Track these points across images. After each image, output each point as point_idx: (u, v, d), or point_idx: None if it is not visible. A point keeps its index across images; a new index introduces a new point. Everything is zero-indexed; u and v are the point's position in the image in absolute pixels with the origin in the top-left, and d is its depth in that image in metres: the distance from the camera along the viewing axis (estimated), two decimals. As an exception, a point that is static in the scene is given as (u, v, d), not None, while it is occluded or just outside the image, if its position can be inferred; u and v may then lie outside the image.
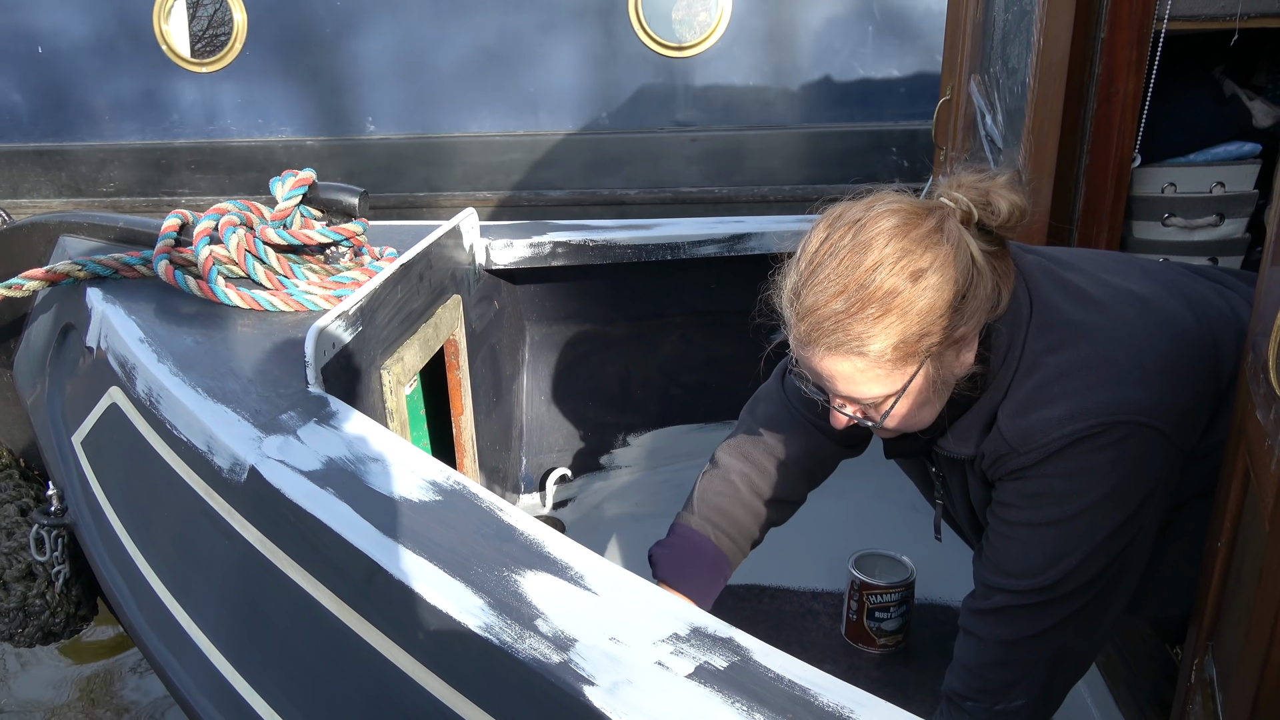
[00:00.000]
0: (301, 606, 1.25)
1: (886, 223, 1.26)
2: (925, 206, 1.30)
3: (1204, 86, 2.49)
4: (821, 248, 1.29)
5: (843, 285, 1.25)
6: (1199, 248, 2.45)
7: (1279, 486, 0.98)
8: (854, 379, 1.30)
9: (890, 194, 1.33)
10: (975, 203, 1.30)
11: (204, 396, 1.50)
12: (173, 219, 2.05)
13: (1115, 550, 1.34)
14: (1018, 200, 1.32)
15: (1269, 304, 1.08)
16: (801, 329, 1.30)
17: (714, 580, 1.66)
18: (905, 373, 1.29)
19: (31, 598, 1.97)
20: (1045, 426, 1.31)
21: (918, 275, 1.24)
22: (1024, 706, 1.43)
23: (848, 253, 1.26)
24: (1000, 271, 1.34)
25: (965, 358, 1.34)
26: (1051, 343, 1.34)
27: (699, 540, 1.66)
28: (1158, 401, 1.31)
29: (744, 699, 0.93)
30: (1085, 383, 1.31)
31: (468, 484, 1.28)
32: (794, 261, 1.33)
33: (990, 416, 1.37)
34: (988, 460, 1.39)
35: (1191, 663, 1.35)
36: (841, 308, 1.26)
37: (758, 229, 2.59)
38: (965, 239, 1.29)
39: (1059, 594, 1.35)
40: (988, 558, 1.42)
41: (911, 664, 2.05)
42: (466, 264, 2.36)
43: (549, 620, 1.03)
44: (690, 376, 2.83)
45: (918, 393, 1.32)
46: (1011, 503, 1.38)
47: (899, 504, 2.45)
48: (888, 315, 1.25)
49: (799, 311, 1.30)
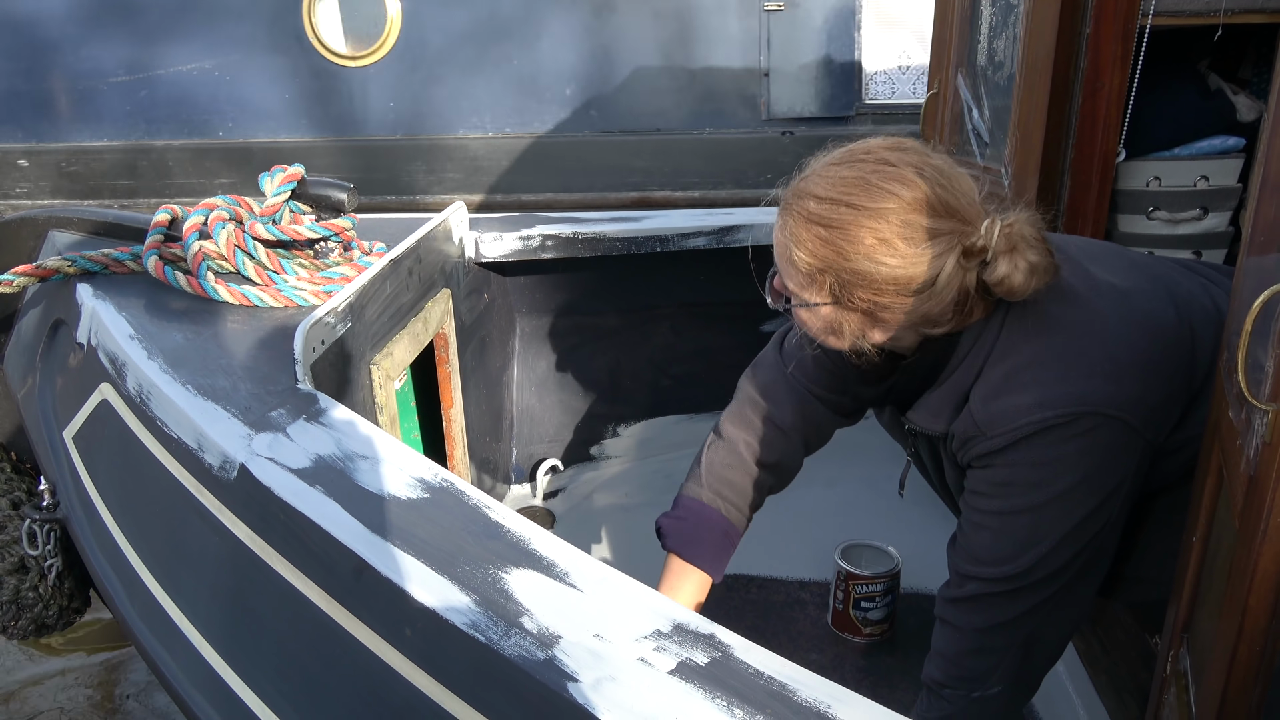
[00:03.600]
0: (290, 602, 1.27)
1: (907, 193, 1.29)
2: (952, 208, 1.30)
3: (1189, 81, 2.50)
4: (858, 154, 1.34)
5: (832, 195, 1.31)
6: (1183, 241, 2.47)
7: (1248, 485, 1.00)
8: (781, 258, 1.40)
9: (953, 167, 1.35)
10: (996, 249, 1.31)
11: (194, 394, 1.51)
12: (162, 214, 2.05)
13: (1084, 539, 1.37)
14: (1020, 280, 1.31)
15: (1242, 303, 1.10)
16: (789, 191, 1.38)
17: (724, 551, 1.70)
18: (813, 293, 1.37)
19: (24, 591, 1.99)
20: (1014, 413, 1.33)
21: (878, 245, 1.29)
22: (1001, 693, 1.46)
23: (861, 178, 1.31)
24: (965, 309, 1.36)
25: (873, 335, 1.39)
26: (1028, 330, 1.36)
27: (709, 513, 1.69)
28: (1127, 395, 1.33)
29: (724, 695, 0.94)
30: (1057, 373, 1.33)
31: (455, 481, 1.30)
32: (843, 143, 1.39)
33: (963, 396, 1.40)
34: (957, 441, 1.42)
35: (1167, 655, 1.38)
36: (813, 207, 1.32)
37: (746, 221, 2.61)
38: (952, 264, 1.30)
39: (1029, 581, 1.38)
40: (961, 546, 1.46)
41: (896, 653, 2.07)
42: (456, 257, 2.37)
43: (534, 617, 1.05)
44: (680, 367, 2.85)
45: (822, 319, 1.39)
46: (982, 491, 1.41)
47: (885, 495, 2.46)
48: (827, 246, 1.31)
49: (801, 177, 1.38)
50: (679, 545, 1.68)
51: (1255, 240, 1.13)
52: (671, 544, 1.69)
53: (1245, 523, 1.01)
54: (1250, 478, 1.00)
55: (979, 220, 1.32)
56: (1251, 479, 1.00)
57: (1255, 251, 1.12)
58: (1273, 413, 0.94)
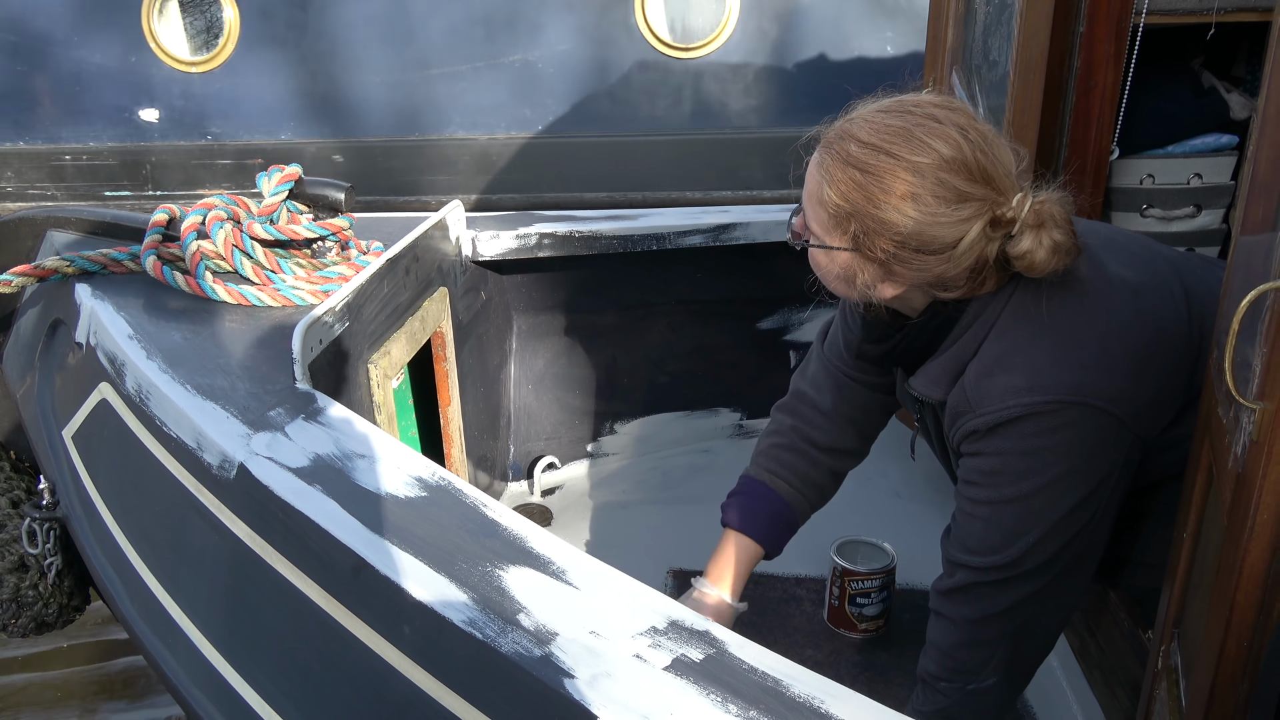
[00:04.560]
0: (290, 600, 1.28)
1: (948, 151, 1.29)
2: (989, 175, 1.31)
3: (1182, 79, 2.51)
4: (907, 104, 1.35)
5: (874, 141, 1.31)
6: (1177, 238, 2.48)
7: (1235, 483, 1.02)
8: (810, 196, 1.39)
9: (996, 136, 1.35)
10: (1024, 222, 1.31)
11: (193, 393, 1.52)
12: (160, 214, 2.06)
13: (1072, 530, 1.38)
14: (1042, 257, 1.32)
15: (1231, 302, 1.11)
16: (832, 131, 1.38)
17: (777, 523, 1.75)
18: (835, 237, 1.37)
19: (24, 589, 2.00)
20: (1003, 392, 1.35)
21: (909, 197, 1.29)
22: (995, 685, 1.48)
23: (905, 129, 1.31)
24: (980, 281, 1.37)
25: (884, 289, 1.39)
26: (1031, 313, 1.37)
27: (758, 487, 1.75)
28: (1118, 389, 1.34)
29: (718, 690, 0.96)
30: (1050, 359, 1.34)
31: (452, 480, 1.31)
32: (890, 90, 1.40)
33: (961, 368, 1.41)
34: (948, 416, 1.44)
35: (1159, 649, 1.39)
36: (854, 150, 1.32)
37: (743, 219, 2.61)
38: (977, 230, 1.30)
39: (1019, 571, 1.40)
40: (953, 537, 1.48)
41: (892, 649, 2.09)
42: (453, 256, 2.37)
43: (531, 614, 1.06)
44: (677, 365, 2.85)
45: (838, 265, 1.39)
46: (973, 481, 1.42)
47: (881, 491, 2.49)
48: (859, 190, 1.32)
49: (848, 119, 1.37)
50: (732, 519, 1.74)
51: (1244, 240, 1.14)
52: (727, 518, 1.75)
53: (1233, 520, 1.02)
54: (1238, 475, 1.01)
55: (1012, 192, 1.32)
56: (1239, 477, 1.01)
57: (1244, 250, 1.14)
58: (1259, 411, 0.95)
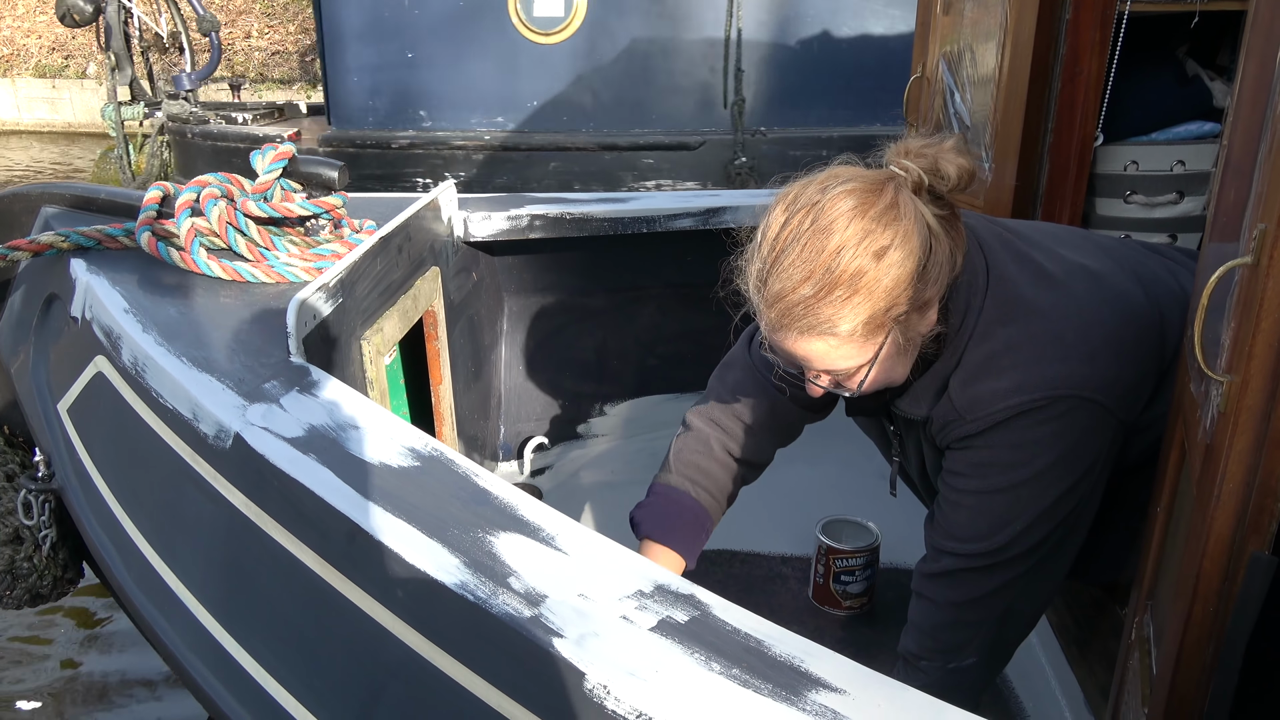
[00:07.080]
0: (285, 566, 1.30)
1: (845, 204, 1.27)
2: (878, 181, 1.31)
3: (1166, 67, 2.54)
4: (782, 233, 1.30)
5: (808, 271, 1.27)
6: (1160, 225, 2.51)
7: (1204, 454, 1.05)
8: (827, 356, 1.33)
9: (843, 169, 1.34)
10: (926, 170, 1.32)
11: (189, 366, 1.54)
12: (154, 191, 2.07)
13: (1059, 517, 1.41)
14: (965, 164, 1.33)
15: (1203, 280, 1.14)
16: (771, 315, 1.32)
17: (697, 533, 1.69)
18: (875, 343, 1.32)
19: (19, 561, 2.01)
20: (992, 397, 1.37)
21: (881, 253, 1.27)
22: (975, 664, 1.51)
23: (809, 237, 1.27)
24: (954, 235, 1.37)
25: (930, 316, 1.37)
26: (1004, 314, 1.39)
27: (678, 496, 1.69)
28: (1102, 377, 1.37)
29: (702, 649, 0.99)
30: (1033, 356, 1.37)
31: (445, 450, 1.33)
32: (755, 247, 1.34)
33: (943, 382, 1.43)
34: (936, 425, 1.45)
35: (1133, 621, 1.43)
36: (810, 293, 1.27)
37: (732, 203, 2.64)
38: (920, 209, 1.31)
39: (1004, 558, 1.42)
40: (938, 523, 1.49)
41: (875, 625, 2.12)
42: (445, 236, 2.39)
43: (521, 578, 1.09)
44: (666, 347, 2.88)
45: (887, 358, 1.35)
46: (961, 471, 1.44)
47: (865, 472, 2.52)
48: (855, 295, 1.27)
49: (767, 299, 1.31)
50: (651, 530, 1.68)
51: (1218, 222, 1.17)
52: (644, 530, 1.69)
53: (1201, 490, 1.06)
54: (1207, 446, 1.05)
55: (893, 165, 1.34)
56: (1208, 448, 1.04)
57: (1217, 233, 1.17)
58: (1227, 384, 0.98)
